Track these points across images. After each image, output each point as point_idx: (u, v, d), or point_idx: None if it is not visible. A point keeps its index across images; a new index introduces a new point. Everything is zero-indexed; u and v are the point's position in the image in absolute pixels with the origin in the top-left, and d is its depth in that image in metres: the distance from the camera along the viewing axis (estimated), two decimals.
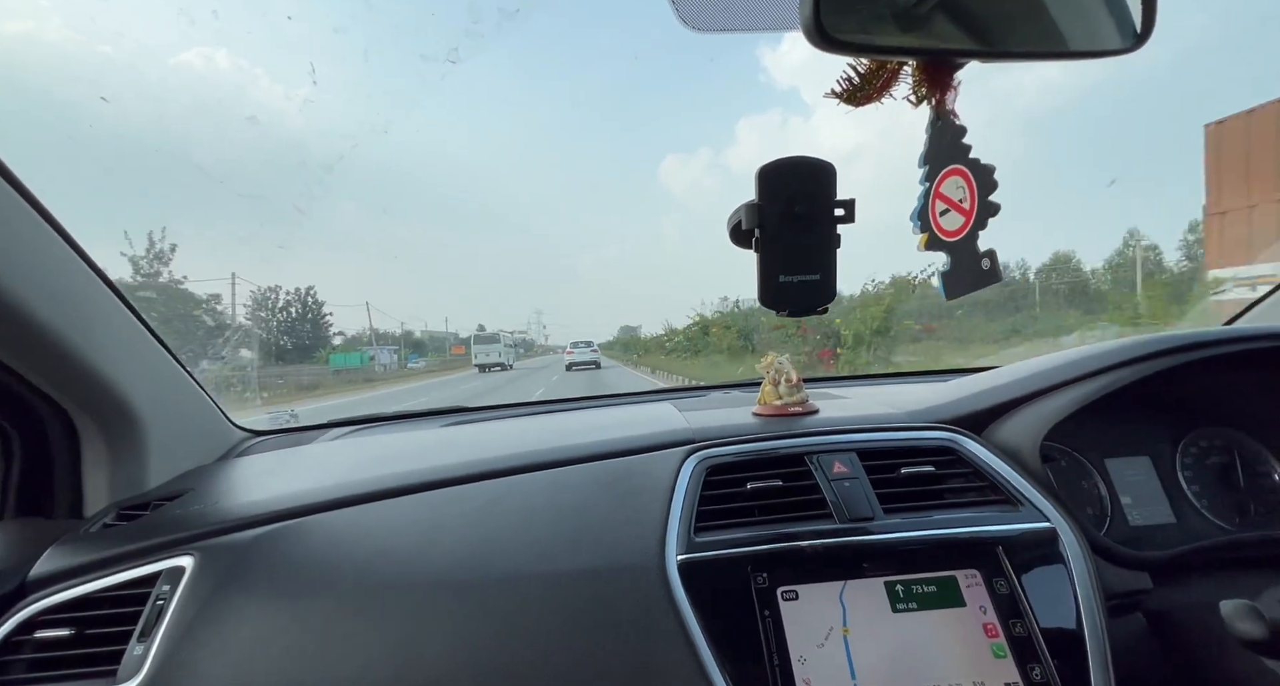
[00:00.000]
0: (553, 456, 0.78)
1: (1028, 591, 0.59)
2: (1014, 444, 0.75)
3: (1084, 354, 0.80)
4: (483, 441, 0.97)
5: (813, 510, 0.66)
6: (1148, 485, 0.84)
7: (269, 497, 0.76)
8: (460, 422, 1.21)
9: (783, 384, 0.91)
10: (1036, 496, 0.67)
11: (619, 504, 0.69)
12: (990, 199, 0.51)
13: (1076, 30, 0.49)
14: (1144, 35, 0.48)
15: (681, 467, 0.71)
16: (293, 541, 0.69)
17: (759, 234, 0.64)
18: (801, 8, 0.40)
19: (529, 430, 1.01)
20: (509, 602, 0.60)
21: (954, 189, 0.52)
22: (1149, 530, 0.81)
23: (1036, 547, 0.63)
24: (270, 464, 1.00)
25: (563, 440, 0.84)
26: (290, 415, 1.30)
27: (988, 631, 0.58)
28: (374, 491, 0.75)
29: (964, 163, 0.51)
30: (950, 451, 0.73)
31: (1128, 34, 0.48)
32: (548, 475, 0.76)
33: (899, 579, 0.60)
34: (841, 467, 0.70)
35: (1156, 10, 0.47)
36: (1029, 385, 0.80)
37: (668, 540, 0.63)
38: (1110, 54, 0.48)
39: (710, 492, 0.69)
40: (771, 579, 0.60)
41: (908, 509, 0.67)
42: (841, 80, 0.54)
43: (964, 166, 0.51)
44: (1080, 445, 0.86)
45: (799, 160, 0.64)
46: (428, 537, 0.67)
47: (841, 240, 0.65)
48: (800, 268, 0.65)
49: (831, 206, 0.64)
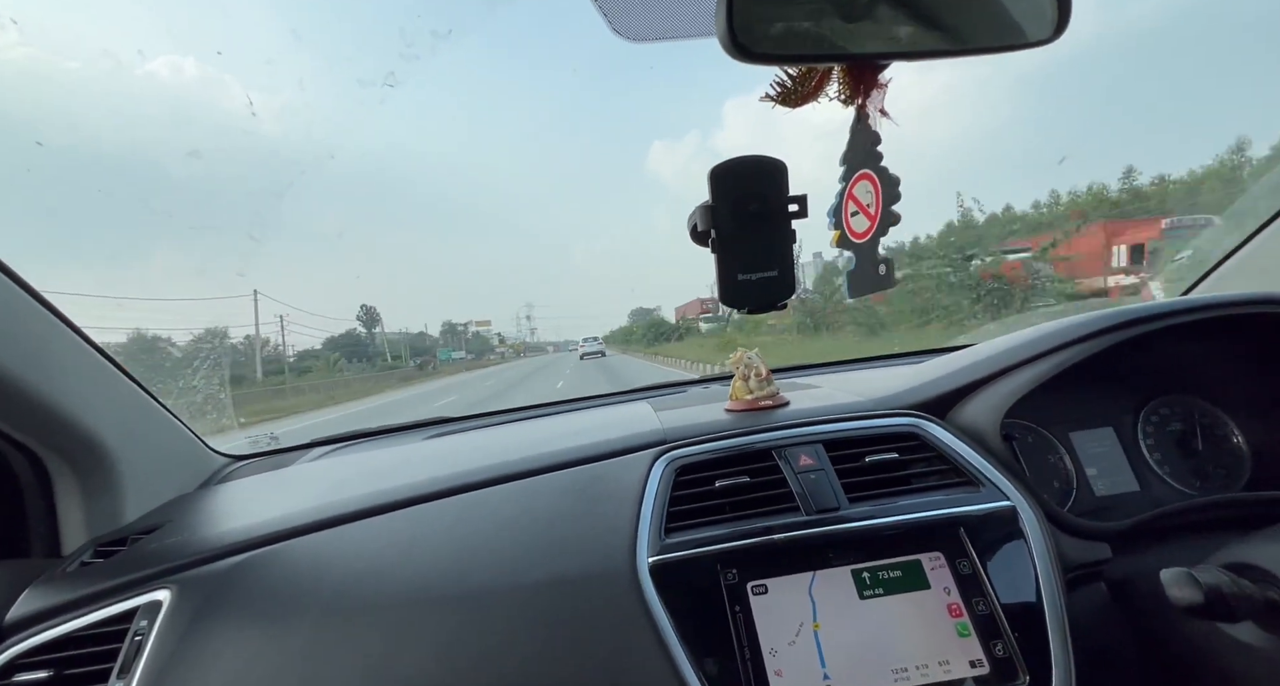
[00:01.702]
0: (526, 466, 0.79)
1: (989, 570, 0.61)
2: (976, 425, 0.77)
3: (1041, 332, 0.82)
4: (462, 453, 0.98)
5: (781, 504, 0.68)
6: (1112, 455, 0.87)
7: (247, 524, 0.76)
8: (443, 434, 1.21)
9: (752, 378, 0.92)
10: (997, 476, 0.69)
11: (590, 510, 0.70)
12: (893, 209, 0.52)
13: (996, 26, 0.50)
14: (1061, 26, 0.49)
15: (652, 469, 0.73)
16: (270, 567, 0.69)
17: (715, 234, 0.65)
18: (717, 23, 0.41)
19: (507, 439, 1.02)
20: (484, 616, 0.61)
21: (864, 193, 0.54)
22: (1114, 499, 0.83)
23: (997, 526, 0.64)
24: (249, 489, 1.00)
25: (538, 448, 0.85)
26: (270, 437, 1.30)
27: (952, 611, 0.59)
28: (351, 512, 0.75)
29: (874, 169, 0.53)
30: (914, 436, 0.75)
31: (1046, 26, 0.49)
32: (521, 485, 0.77)
33: (865, 566, 0.62)
34: (808, 460, 0.72)
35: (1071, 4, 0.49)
36: (989, 366, 0.81)
37: (638, 543, 0.64)
38: (1030, 46, 0.50)
39: (680, 493, 0.70)
40: (741, 574, 0.61)
41: (873, 496, 0.68)
42: (774, 84, 0.55)
43: (874, 173, 0.53)
44: (1045, 420, 0.88)
45: (750, 160, 0.64)
46: (405, 555, 0.68)
47: (797, 235, 0.67)
48: (758, 265, 0.66)
49: (785, 203, 0.65)
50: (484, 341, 65.34)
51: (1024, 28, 0.49)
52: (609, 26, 0.57)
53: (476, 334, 73.49)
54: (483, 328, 59.90)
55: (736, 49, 0.41)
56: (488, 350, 66.11)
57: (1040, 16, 0.49)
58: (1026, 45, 0.49)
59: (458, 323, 62.64)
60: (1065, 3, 0.49)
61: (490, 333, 67.47)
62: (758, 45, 0.42)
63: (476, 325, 60.31)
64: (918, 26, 0.46)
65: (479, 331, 71.63)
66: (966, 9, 0.49)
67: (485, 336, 68.73)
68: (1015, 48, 0.50)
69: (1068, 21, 0.49)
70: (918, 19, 0.47)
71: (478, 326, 61.93)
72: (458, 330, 62.26)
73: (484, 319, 63.74)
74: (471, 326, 62.72)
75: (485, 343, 66.30)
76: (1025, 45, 0.49)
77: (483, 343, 67.26)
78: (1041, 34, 0.50)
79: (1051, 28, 0.49)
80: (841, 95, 0.53)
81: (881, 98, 0.52)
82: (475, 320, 48.08)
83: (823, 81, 0.54)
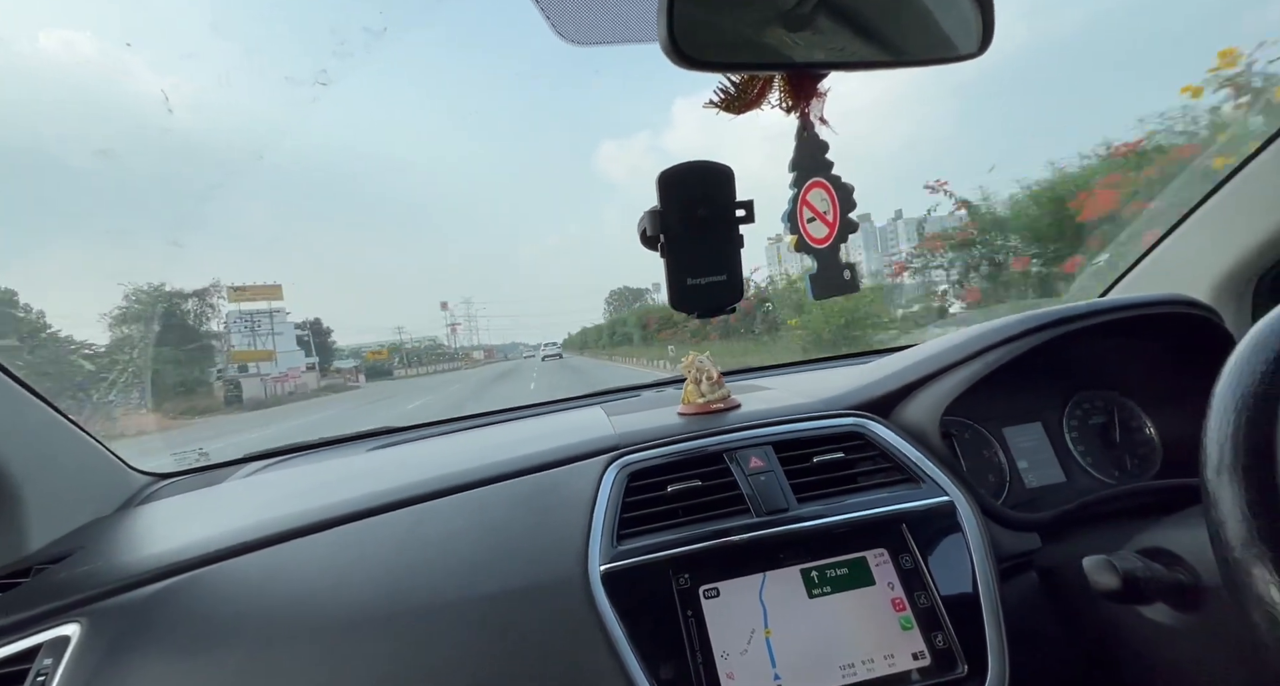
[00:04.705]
0: (475, 476, 0.77)
1: (930, 564, 0.63)
2: (917, 423, 0.79)
3: (973, 334, 0.86)
4: (408, 465, 0.94)
5: (732, 506, 0.68)
6: (1040, 449, 0.91)
7: (169, 548, 0.71)
8: (388, 444, 1.17)
9: (704, 382, 0.93)
10: (937, 472, 0.71)
11: (541, 520, 0.69)
12: (850, 217, 0.54)
13: (927, 39, 0.52)
14: (986, 41, 0.52)
15: (604, 476, 0.72)
16: (196, 594, 0.64)
17: (664, 239, 0.65)
18: (659, 28, 0.41)
19: (456, 448, 0.99)
20: (432, 632, 0.59)
21: (819, 200, 0.55)
22: (1043, 491, 0.88)
23: (937, 521, 0.67)
24: (174, 510, 0.93)
25: (487, 457, 0.83)
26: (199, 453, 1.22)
27: (896, 606, 0.61)
28: (286, 530, 0.71)
29: (826, 177, 0.54)
30: (859, 436, 0.77)
31: (972, 41, 0.52)
32: (470, 496, 0.75)
33: (814, 565, 0.63)
34: (758, 462, 0.73)
35: (995, 20, 0.51)
36: (927, 366, 0.85)
37: (590, 551, 0.63)
38: (958, 60, 0.52)
39: (633, 499, 0.69)
40: (693, 579, 0.61)
41: (821, 496, 0.70)
42: (718, 90, 0.55)
43: (828, 181, 0.54)
44: (981, 417, 0.92)
45: (697, 165, 0.65)
46: (346, 574, 0.65)
47: (744, 240, 0.67)
48: (706, 270, 0.67)
49: (732, 208, 0.66)
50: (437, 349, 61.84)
51: (954, 41, 0.52)
52: (552, 29, 0.56)
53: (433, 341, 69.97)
54: None
55: (678, 55, 0.41)
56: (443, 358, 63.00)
57: (968, 31, 0.52)
58: (956, 58, 0.52)
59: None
60: (990, 19, 0.51)
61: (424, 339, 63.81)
62: (699, 52, 0.42)
63: None
64: (855, 38, 0.48)
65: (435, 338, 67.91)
66: (900, 23, 0.50)
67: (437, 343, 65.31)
68: (945, 61, 0.52)
69: (992, 36, 0.52)
70: (855, 31, 0.48)
71: None
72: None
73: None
74: None
75: (438, 349, 62.72)
76: (955, 58, 0.52)
77: (435, 349, 63.74)
78: (969, 48, 0.52)
79: (978, 42, 0.52)
80: (783, 103, 0.54)
81: (821, 106, 0.54)
82: None
83: (765, 89, 0.55)
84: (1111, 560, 0.50)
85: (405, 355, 63.07)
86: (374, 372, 51.82)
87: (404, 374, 54.07)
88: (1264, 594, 0.38)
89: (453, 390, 19.53)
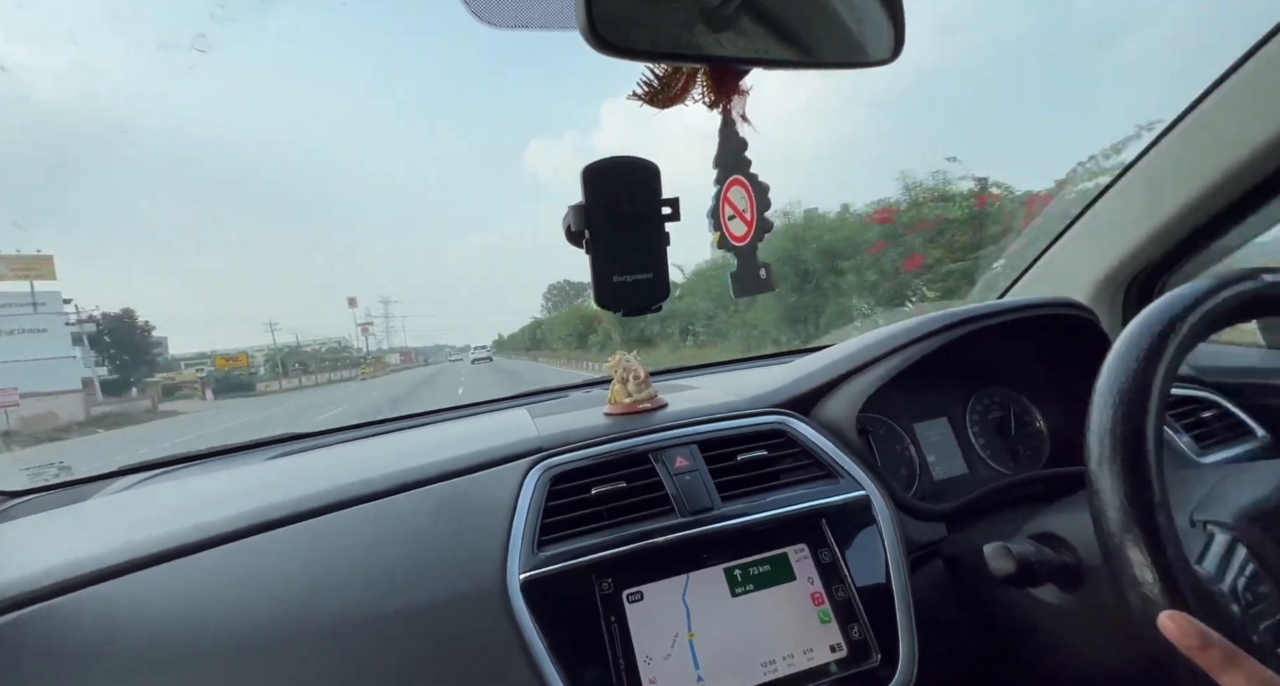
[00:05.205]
0: (385, 485, 0.72)
1: (847, 556, 0.65)
2: (835, 420, 0.82)
3: (885, 334, 0.90)
4: (313, 473, 0.87)
5: (657, 507, 0.67)
6: (946, 442, 0.97)
7: (16, 576, 0.62)
8: (290, 452, 1.08)
9: (631, 381, 0.92)
10: (854, 468, 0.74)
11: (459, 528, 0.65)
12: (765, 215, 0.54)
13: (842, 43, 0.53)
14: (898, 48, 0.54)
15: (525, 479, 0.69)
16: (53, 627, 0.56)
17: (589, 235, 0.63)
18: (576, 13, 0.39)
19: (368, 455, 0.93)
20: (334, 654, 0.54)
21: (739, 198, 0.55)
22: (949, 482, 0.93)
23: (853, 515, 0.69)
24: (27, 532, 0.81)
25: (401, 464, 0.77)
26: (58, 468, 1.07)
27: (815, 600, 0.62)
28: (165, 551, 0.63)
29: (745, 175, 0.54)
30: (782, 433, 0.78)
31: (885, 47, 0.54)
32: (382, 505, 0.70)
33: (737, 564, 0.63)
34: (683, 461, 0.72)
35: (905, 28, 0.53)
36: (844, 365, 0.87)
37: (509, 560, 0.60)
38: (873, 64, 0.54)
39: (555, 502, 0.67)
40: (616, 583, 0.60)
41: (745, 494, 0.70)
42: (641, 83, 0.54)
43: (745, 179, 0.54)
44: (894, 413, 0.96)
45: (621, 160, 0.63)
46: (234, 595, 0.58)
47: (670, 238, 0.67)
48: (632, 267, 0.65)
49: (658, 206, 0.65)
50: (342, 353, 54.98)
51: (867, 48, 0.53)
52: (467, 8, 0.52)
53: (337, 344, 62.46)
54: None
55: (596, 40, 0.40)
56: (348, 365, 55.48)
57: (880, 38, 0.53)
58: (869, 63, 0.53)
59: None
60: (901, 28, 0.53)
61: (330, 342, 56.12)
62: (619, 38, 0.41)
63: None
64: (774, 37, 0.48)
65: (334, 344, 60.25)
66: (816, 26, 0.51)
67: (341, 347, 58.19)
68: (859, 65, 0.53)
69: (903, 45, 0.53)
70: (774, 30, 0.48)
71: None
72: None
73: None
74: None
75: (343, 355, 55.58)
76: (868, 63, 0.53)
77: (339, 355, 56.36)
78: (882, 54, 0.54)
79: (890, 50, 0.53)
80: (706, 99, 0.53)
81: (744, 104, 0.54)
82: None
83: (688, 84, 0.54)
84: (1008, 546, 0.53)
85: (283, 361, 53.14)
86: (229, 386, 42.12)
87: (272, 387, 43.44)
88: (1138, 575, 0.41)
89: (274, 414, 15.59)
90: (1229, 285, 0.48)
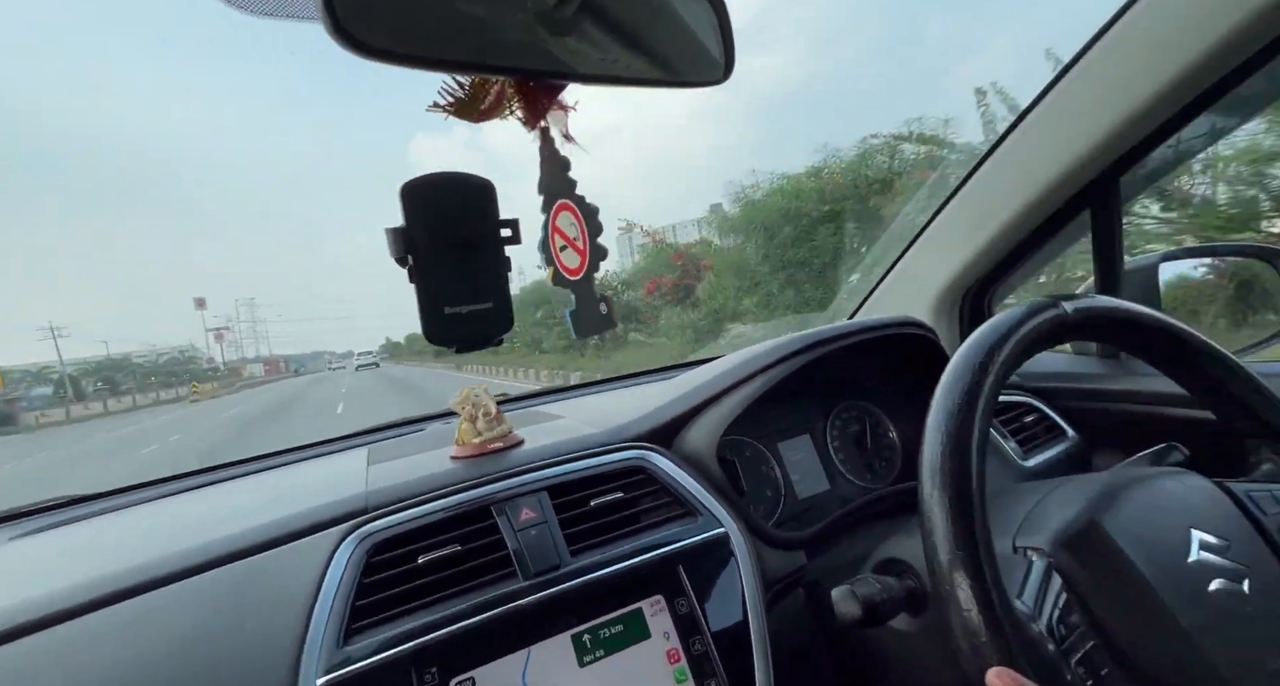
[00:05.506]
0: (152, 573, 0.58)
1: (705, 604, 0.61)
2: (695, 451, 0.78)
3: (745, 357, 0.88)
4: (70, 558, 0.69)
5: (497, 571, 0.59)
6: (809, 460, 0.98)
7: None
8: (45, 528, 0.85)
9: (480, 419, 0.83)
10: (713, 503, 0.70)
11: (248, 621, 0.53)
12: (598, 241, 0.49)
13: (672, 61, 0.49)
14: (728, 69, 0.51)
15: (336, 553, 0.58)
16: None
17: (412, 261, 0.54)
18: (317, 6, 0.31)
19: (137, 530, 0.76)
20: None
21: (568, 225, 0.49)
22: (812, 500, 0.94)
23: (713, 553, 0.65)
24: None
25: (180, 542, 0.63)
26: None
27: (671, 657, 0.58)
28: None
29: (571, 198, 0.48)
30: (641, 470, 0.73)
31: (714, 68, 0.50)
32: (147, 601, 0.55)
33: (586, 628, 0.57)
34: (529, 513, 0.65)
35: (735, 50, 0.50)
36: (706, 391, 0.85)
37: (304, 660, 0.50)
38: (700, 85, 0.50)
39: (372, 578, 0.57)
40: (442, 672, 0.51)
41: (598, 543, 0.64)
42: (444, 91, 0.46)
43: (573, 203, 0.48)
44: (758, 434, 0.95)
45: (448, 177, 0.55)
46: None
47: (511, 263, 0.59)
48: (467, 297, 0.57)
49: (495, 228, 0.57)
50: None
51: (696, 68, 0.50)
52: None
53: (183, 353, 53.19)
54: None
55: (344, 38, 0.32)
56: None
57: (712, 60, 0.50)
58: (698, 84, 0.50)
59: None
60: (731, 50, 0.50)
61: None
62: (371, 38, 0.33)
63: None
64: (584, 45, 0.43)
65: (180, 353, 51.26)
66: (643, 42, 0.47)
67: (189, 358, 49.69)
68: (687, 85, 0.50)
69: (733, 66, 0.51)
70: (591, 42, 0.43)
71: None
72: None
73: None
74: None
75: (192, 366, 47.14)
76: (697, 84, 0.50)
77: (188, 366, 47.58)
78: (714, 75, 0.50)
79: (720, 70, 0.50)
80: (519, 114, 0.47)
81: (565, 120, 0.48)
82: None
83: (502, 96, 0.47)
84: (853, 589, 0.51)
85: (72, 380, 41.65)
86: None
87: (50, 418, 32.89)
88: (967, 621, 0.40)
89: None
90: (1033, 314, 0.50)
